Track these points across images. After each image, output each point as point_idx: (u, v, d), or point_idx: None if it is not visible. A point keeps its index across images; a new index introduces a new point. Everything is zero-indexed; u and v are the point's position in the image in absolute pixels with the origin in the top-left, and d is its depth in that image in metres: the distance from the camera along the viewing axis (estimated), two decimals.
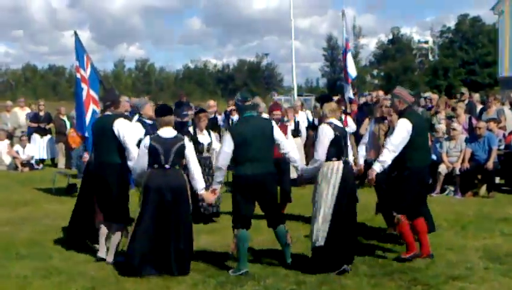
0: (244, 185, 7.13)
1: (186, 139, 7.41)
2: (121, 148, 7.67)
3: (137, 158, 7.32)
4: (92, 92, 12.23)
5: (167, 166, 7.16)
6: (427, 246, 7.61)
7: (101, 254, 7.73)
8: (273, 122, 7.52)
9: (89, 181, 8.23)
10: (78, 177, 13.62)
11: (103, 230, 7.83)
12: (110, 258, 7.60)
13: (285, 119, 10.25)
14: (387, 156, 7.38)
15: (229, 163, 7.26)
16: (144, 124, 9.70)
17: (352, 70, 16.13)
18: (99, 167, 7.85)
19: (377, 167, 7.44)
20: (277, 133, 7.33)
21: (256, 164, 7.08)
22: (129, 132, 7.76)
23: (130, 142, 7.65)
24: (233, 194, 7.27)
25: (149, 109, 9.80)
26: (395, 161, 7.43)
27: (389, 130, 8.57)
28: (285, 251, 7.40)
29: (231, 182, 7.72)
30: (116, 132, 7.66)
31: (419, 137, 7.50)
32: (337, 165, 7.11)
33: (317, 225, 7.05)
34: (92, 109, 12.33)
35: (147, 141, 7.24)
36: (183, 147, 7.28)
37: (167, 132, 7.31)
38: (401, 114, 7.59)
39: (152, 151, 7.15)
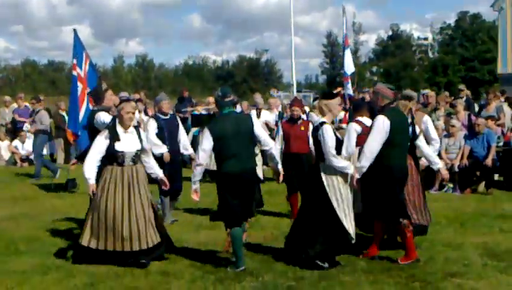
0: (228, 183, 7.09)
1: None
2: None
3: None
4: (87, 90, 12.26)
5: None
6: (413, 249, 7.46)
7: None
8: (254, 119, 7.50)
9: None
10: None
11: None
12: None
13: (303, 116, 10.28)
14: (365, 162, 7.18)
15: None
16: (158, 119, 9.84)
17: (348, 67, 16.12)
18: None
19: (356, 174, 7.22)
20: (258, 129, 7.31)
21: (236, 161, 7.04)
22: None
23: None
24: (219, 193, 7.20)
25: (164, 105, 9.93)
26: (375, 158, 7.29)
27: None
28: (239, 250, 7.24)
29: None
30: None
31: (399, 135, 7.26)
32: None
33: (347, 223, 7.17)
34: (86, 107, 12.37)
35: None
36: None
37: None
38: (381, 111, 7.44)
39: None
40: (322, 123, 7.25)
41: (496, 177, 13.33)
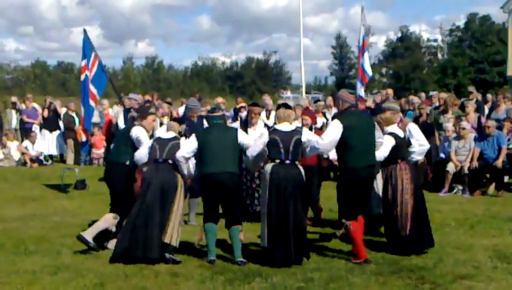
0: (206, 184, 7.70)
1: (182, 139, 8.17)
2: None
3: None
4: (92, 88, 12.33)
5: (161, 160, 7.91)
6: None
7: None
8: (239, 130, 8.18)
9: None
10: None
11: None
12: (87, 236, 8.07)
13: (314, 125, 10.34)
14: (310, 152, 7.71)
15: None
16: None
17: (369, 69, 16.15)
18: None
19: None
20: (242, 137, 7.87)
21: (215, 165, 7.59)
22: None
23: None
24: (201, 192, 7.87)
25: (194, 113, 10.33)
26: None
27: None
28: (237, 248, 7.66)
29: None
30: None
31: (353, 138, 7.40)
32: None
33: None
34: (91, 105, 12.48)
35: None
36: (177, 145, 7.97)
37: (168, 134, 8.23)
38: (340, 114, 7.86)
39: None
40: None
41: (506, 179, 13.27)
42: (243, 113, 15.85)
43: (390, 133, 8.00)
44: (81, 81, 13.00)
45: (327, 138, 7.47)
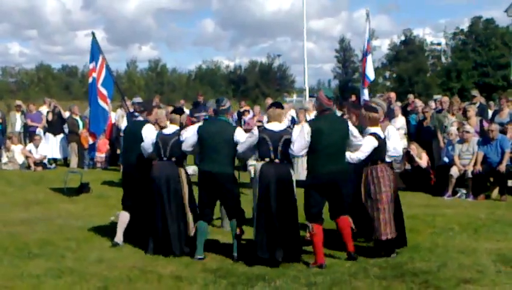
0: (202, 180, 8.00)
1: (183, 131, 8.47)
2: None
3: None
4: (103, 91, 12.33)
5: (165, 158, 8.28)
6: (350, 244, 7.77)
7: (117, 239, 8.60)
8: (237, 128, 8.23)
9: None
10: None
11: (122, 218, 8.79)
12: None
13: None
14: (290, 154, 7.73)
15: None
16: None
17: (370, 73, 16.16)
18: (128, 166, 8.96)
19: None
20: (238, 135, 7.95)
21: (212, 162, 7.87)
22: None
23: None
24: (198, 188, 8.15)
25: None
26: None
27: None
28: (234, 242, 7.97)
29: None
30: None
31: (323, 142, 7.46)
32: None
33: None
34: (101, 107, 12.47)
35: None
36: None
37: (170, 128, 8.51)
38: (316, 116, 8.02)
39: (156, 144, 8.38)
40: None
41: (510, 183, 13.23)
42: (247, 117, 15.88)
43: (373, 134, 7.91)
44: (88, 84, 13.01)
45: (297, 143, 7.54)
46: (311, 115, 15.63)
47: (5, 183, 15.60)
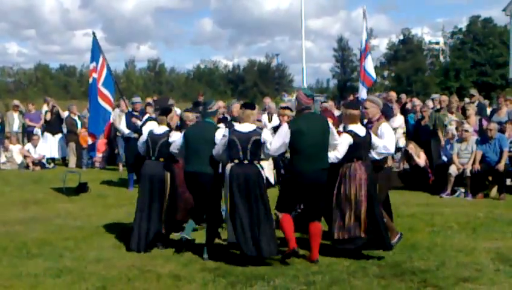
0: (187, 181, 8.23)
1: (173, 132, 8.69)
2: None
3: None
4: (105, 91, 12.32)
5: (153, 158, 8.57)
6: (315, 251, 7.63)
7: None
8: (219, 127, 8.34)
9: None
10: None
11: None
12: None
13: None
14: (264, 154, 7.80)
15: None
16: (226, 121, 10.53)
17: (372, 72, 16.21)
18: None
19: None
20: (219, 136, 7.99)
21: (195, 163, 8.04)
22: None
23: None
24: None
25: (235, 109, 10.41)
26: None
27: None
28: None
29: None
30: None
31: (303, 142, 7.45)
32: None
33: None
34: (103, 107, 12.44)
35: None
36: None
37: (161, 128, 8.71)
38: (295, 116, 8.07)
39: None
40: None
41: (508, 182, 13.26)
42: None
43: (349, 131, 7.88)
44: (89, 84, 12.99)
45: (275, 142, 7.56)
46: None
47: (4, 183, 15.60)
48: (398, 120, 16.07)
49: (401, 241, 8.27)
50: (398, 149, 15.67)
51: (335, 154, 7.73)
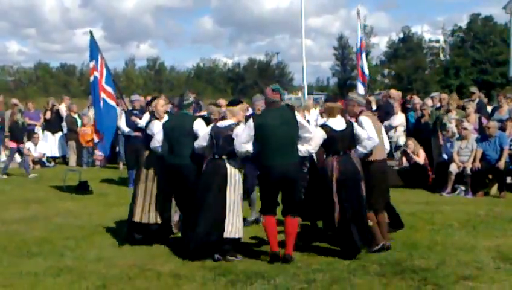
0: (168, 173, 8.35)
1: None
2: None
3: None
4: (109, 89, 12.28)
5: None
6: (290, 247, 7.57)
7: None
8: (198, 119, 8.41)
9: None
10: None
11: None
12: None
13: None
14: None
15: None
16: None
17: (366, 70, 16.36)
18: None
19: None
20: (196, 125, 8.16)
21: (175, 155, 8.19)
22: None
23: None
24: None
25: (259, 106, 10.44)
26: None
27: None
28: None
29: None
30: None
31: (268, 136, 7.46)
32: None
33: None
34: (110, 105, 12.40)
35: None
36: None
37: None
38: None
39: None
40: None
41: (509, 180, 13.24)
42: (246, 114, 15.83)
43: (323, 126, 7.87)
44: (90, 83, 12.95)
45: (239, 137, 7.62)
46: (311, 112, 15.65)
47: (4, 181, 15.61)
48: (399, 118, 16.10)
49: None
50: (398, 147, 15.70)
51: (307, 147, 7.68)
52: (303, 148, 7.67)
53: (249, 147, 7.59)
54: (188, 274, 7.06)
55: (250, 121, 7.62)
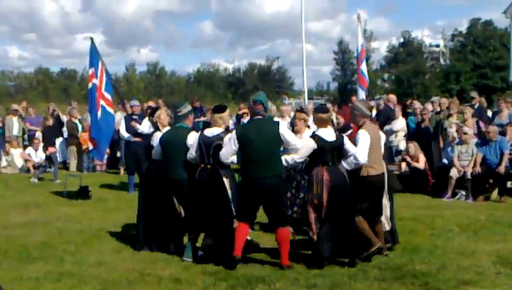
0: (169, 187, 8.30)
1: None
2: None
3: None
4: (108, 96, 12.29)
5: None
6: (285, 257, 7.49)
7: None
8: (192, 132, 8.25)
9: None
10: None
11: None
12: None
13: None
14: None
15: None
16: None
17: (367, 76, 16.46)
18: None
19: None
20: (190, 139, 8.06)
21: (173, 169, 8.19)
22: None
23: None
24: None
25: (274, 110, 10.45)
26: None
27: None
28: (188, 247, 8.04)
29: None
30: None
31: (250, 148, 7.43)
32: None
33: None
34: (108, 112, 12.40)
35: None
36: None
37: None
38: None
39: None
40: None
41: (509, 184, 13.24)
42: (245, 119, 15.85)
43: (313, 136, 7.78)
44: (88, 89, 12.94)
45: (223, 149, 7.60)
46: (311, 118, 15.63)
47: (4, 186, 15.62)
48: (400, 123, 16.10)
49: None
50: (398, 152, 15.71)
51: (292, 156, 7.59)
52: (288, 158, 7.61)
53: (234, 159, 7.62)
54: (189, 279, 7.05)
55: (234, 134, 7.56)
